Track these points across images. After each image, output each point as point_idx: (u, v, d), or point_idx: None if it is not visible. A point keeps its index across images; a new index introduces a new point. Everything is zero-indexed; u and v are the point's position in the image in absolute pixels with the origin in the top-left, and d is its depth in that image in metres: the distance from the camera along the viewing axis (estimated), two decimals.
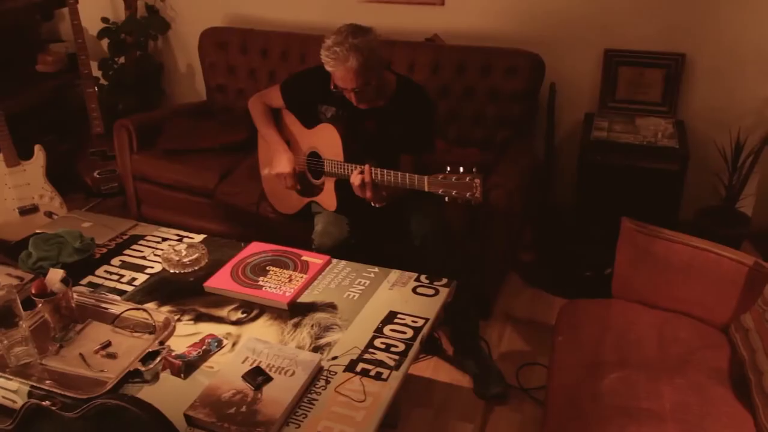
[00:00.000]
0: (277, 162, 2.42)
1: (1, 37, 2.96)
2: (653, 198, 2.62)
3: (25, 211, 3.02)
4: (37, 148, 3.03)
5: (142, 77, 3.66)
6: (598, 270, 2.58)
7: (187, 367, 1.74)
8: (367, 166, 2.10)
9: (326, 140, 2.31)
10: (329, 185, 2.34)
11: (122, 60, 3.65)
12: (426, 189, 2.00)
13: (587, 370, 1.75)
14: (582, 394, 1.67)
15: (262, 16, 3.44)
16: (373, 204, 2.19)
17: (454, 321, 2.32)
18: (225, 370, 1.71)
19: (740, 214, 2.80)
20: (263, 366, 1.70)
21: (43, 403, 1.63)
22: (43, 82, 3.56)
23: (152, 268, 2.20)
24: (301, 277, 2.06)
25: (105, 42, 3.61)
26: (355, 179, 2.13)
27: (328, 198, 2.35)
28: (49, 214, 3.06)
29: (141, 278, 2.15)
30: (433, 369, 2.38)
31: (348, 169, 2.22)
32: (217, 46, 3.32)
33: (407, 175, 2.05)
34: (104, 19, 3.54)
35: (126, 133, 3.03)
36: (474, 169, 1.90)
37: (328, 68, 2.18)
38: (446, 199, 1.96)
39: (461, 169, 1.92)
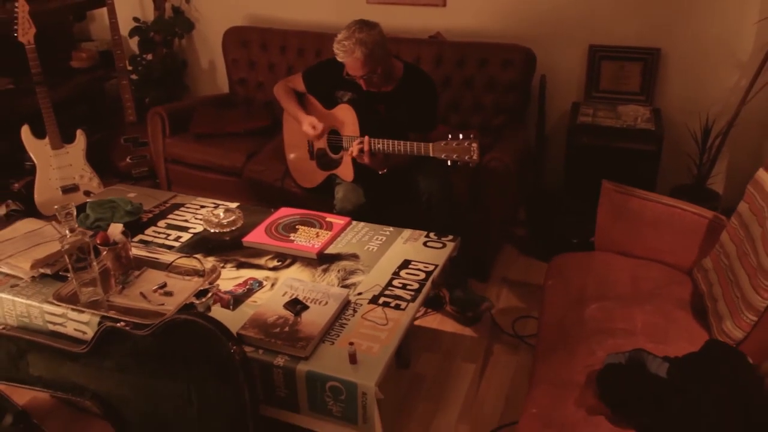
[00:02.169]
0: (302, 121, 2.72)
1: (38, 35, 3.26)
2: (632, 175, 2.91)
3: (66, 190, 3.32)
4: (78, 132, 3.34)
5: (168, 73, 3.98)
6: (584, 238, 2.89)
7: (235, 300, 2.05)
8: (366, 138, 2.44)
9: (345, 119, 2.65)
10: (347, 158, 2.66)
11: (150, 57, 3.98)
12: (431, 154, 2.34)
13: (572, 304, 2.07)
14: (568, 321, 2.00)
15: (279, 16, 3.77)
16: (377, 171, 2.52)
17: (451, 268, 2.64)
18: (268, 301, 2.03)
19: (711, 191, 3.13)
20: (300, 298, 2.02)
21: (118, 324, 1.94)
22: (77, 77, 3.88)
23: (194, 228, 2.52)
24: (327, 234, 2.38)
25: (134, 40, 3.93)
26: (355, 149, 2.46)
27: (346, 170, 2.68)
28: (88, 193, 3.37)
29: (185, 236, 2.46)
30: (439, 321, 2.69)
31: None
32: (239, 43, 3.65)
33: (414, 143, 2.39)
34: (135, 19, 3.87)
35: (159, 119, 3.35)
36: (471, 135, 2.24)
37: (338, 59, 2.52)
38: (448, 162, 2.30)
39: (460, 136, 2.26)
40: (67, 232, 2.03)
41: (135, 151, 3.61)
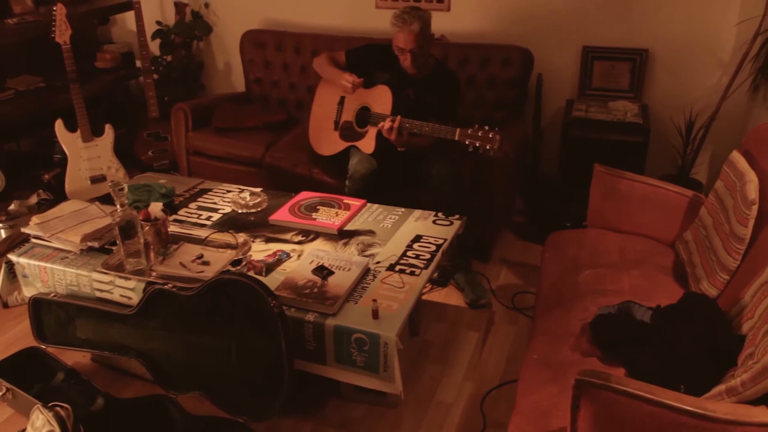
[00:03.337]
0: (343, 77, 2.96)
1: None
2: (622, 165, 3.12)
3: (95, 180, 3.56)
4: (107, 127, 3.58)
5: (186, 73, 4.23)
6: (577, 222, 3.13)
7: (267, 268, 2.30)
8: (398, 117, 2.69)
9: (379, 97, 2.91)
10: (372, 132, 2.92)
11: (169, 58, 4.23)
12: (456, 138, 2.60)
13: (567, 271, 2.32)
14: (563, 285, 2.24)
15: (293, 20, 4.02)
16: (397, 147, 2.77)
17: (456, 247, 2.88)
18: (297, 268, 2.27)
19: (694, 180, 3.39)
20: (326, 265, 2.26)
21: (166, 286, 2.18)
22: (101, 76, 4.12)
23: (223, 209, 2.76)
24: (345, 213, 2.62)
25: (156, 42, 4.18)
26: (386, 123, 2.71)
27: (368, 142, 2.93)
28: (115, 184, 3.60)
29: (215, 216, 2.70)
30: (445, 296, 2.93)
31: None
32: (256, 45, 3.90)
33: (442, 126, 2.65)
34: (158, 22, 4.13)
35: (183, 114, 3.60)
36: (496, 128, 2.52)
37: (394, 30, 2.78)
38: (470, 148, 2.56)
39: (486, 127, 2.53)
40: (118, 206, 2.27)
41: (156, 145, 3.84)
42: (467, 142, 2.58)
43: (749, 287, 1.75)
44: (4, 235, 3.42)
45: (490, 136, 2.54)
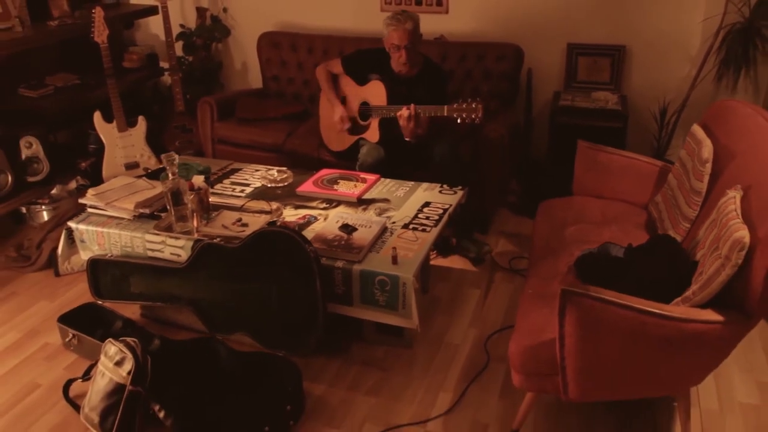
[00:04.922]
0: (335, 112, 3.40)
1: (92, 40, 3.84)
2: None
3: (129, 166, 3.92)
4: (140, 118, 3.94)
5: (206, 72, 4.61)
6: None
7: (299, 227, 2.67)
8: (412, 105, 3.07)
9: (375, 92, 3.29)
10: (374, 124, 3.30)
11: (191, 58, 4.61)
12: (445, 114, 2.98)
13: (556, 229, 2.70)
14: (553, 238, 2.63)
15: (305, 23, 4.41)
16: (407, 138, 3.15)
17: (458, 222, 3.26)
18: (326, 226, 2.65)
19: (669, 161, 3.77)
20: (350, 224, 2.64)
21: (214, 240, 2.55)
22: (128, 75, 4.48)
23: (254, 184, 3.13)
24: (363, 185, 3.00)
25: (179, 44, 4.55)
26: (404, 112, 3.08)
27: (373, 133, 3.31)
28: (146, 170, 3.96)
29: (248, 190, 3.08)
30: (450, 261, 3.32)
31: (390, 110, 3.18)
32: (272, 45, 4.28)
33: (434, 106, 3.03)
34: (182, 26, 4.52)
35: (208, 107, 3.98)
36: (478, 99, 2.90)
37: (390, 29, 3.16)
38: (458, 120, 2.94)
39: (469, 99, 2.92)
40: (170, 175, 2.64)
41: (183, 136, 4.21)
42: (455, 115, 2.97)
43: (703, 227, 2.14)
44: (47, 217, 3.78)
45: (474, 106, 2.92)
